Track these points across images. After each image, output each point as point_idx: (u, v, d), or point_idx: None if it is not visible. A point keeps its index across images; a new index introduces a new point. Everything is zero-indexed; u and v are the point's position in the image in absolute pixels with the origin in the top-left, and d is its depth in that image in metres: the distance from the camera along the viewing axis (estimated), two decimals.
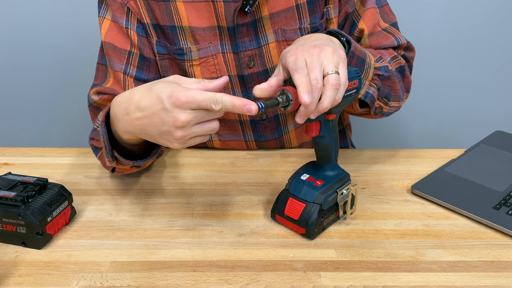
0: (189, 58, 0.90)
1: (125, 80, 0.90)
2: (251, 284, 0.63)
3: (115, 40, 0.89)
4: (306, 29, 0.90)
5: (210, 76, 0.91)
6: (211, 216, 0.78)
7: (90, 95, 0.90)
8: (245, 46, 0.90)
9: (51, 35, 1.52)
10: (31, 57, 1.55)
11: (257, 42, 0.90)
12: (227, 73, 0.91)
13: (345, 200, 0.74)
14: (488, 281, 0.65)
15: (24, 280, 0.63)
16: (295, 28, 0.90)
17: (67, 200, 0.73)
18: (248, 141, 0.99)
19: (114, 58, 0.90)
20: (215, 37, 0.89)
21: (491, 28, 1.57)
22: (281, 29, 0.90)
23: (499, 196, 0.82)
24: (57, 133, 1.66)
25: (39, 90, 1.60)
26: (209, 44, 0.89)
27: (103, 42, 0.90)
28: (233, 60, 0.91)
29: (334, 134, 0.73)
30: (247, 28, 0.89)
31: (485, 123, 1.68)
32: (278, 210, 0.75)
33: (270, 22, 0.89)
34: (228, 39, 0.90)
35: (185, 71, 0.91)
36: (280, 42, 0.90)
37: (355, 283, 0.64)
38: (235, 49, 0.90)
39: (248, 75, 0.92)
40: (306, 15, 0.90)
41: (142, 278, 0.64)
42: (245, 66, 0.91)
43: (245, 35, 0.89)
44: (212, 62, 0.91)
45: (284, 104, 0.63)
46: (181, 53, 0.90)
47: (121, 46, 0.90)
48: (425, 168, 0.93)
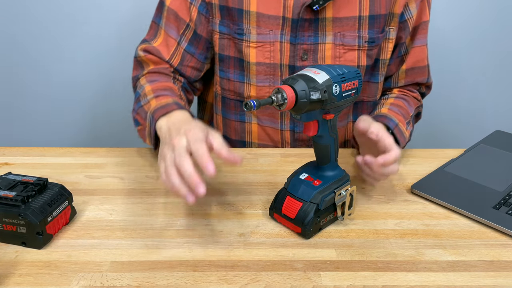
0: (247, 39, 0.95)
1: (176, 48, 0.98)
2: (251, 284, 0.64)
3: (178, 9, 0.97)
4: (364, 38, 0.96)
5: (264, 61, 0.97)
6: (211, 216, 0.78)
7: (138, 50, 1.01)
8: (303, 39, 0.95)
9: (51, 35, 1.52)
10: (31, 57, 1.55)
11: (314, 39, 0.95)
12: (279, 61, 0.96)
13: (343, 201, 0.74)
14: (488, 281, 0.65)
15: (24, 280, 0.63)
16: (355, 36, 0.96)
17: (67, 200, 0.73)
18: (284, 130, 1.02)
19: (172, 25, 0.98)
20: (277, 26, 0.94)
21: (491, 27, 1.57)
22: (340, 34, 0.95)
23: (499, 196, 0.83)
24: (57, 133, 1.66)
25: (39, 90, 1.60)
26: (269, 31, 0.95)
27: (168, 7, 0.97)
28: (288, 50, 0.96)
29: (333, 134, 0.73)
30: (309, 24, 0.94)
31: (485, 123, 1.68)
32: (275, 208, 0.75)
33: (332, 25, 0.94)
34: (289, 30, 0.94)
35: (241, 51, 0.97)
36: (337, 45, 0.96)
37: (355, 283, 0.64)
38: (293, 40, 0.95)
39: (299, 67, 0.96)
40: (365, 27, 0.95)
41: (142, 278, 0.64)
42: (298, 58, 0.96)
43: (306, 29, 0.94)
44: (269, 48, 0.96)
45: (278, 103, 0.63)
46: (240, 33, 0.96)
47: (182, 16, 0.97)
48: (425, 168, 0.93)
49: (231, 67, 1.00)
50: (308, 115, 0.68)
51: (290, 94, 0.63)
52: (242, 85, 1.00)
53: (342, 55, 0.96)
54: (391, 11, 0.96)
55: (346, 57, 0.96)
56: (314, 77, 0.66)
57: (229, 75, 1.01)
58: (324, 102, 0.66)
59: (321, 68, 0.68)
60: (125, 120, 1.67)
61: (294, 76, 0.66)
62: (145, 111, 0.87)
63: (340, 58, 0.96)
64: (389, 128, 0.90)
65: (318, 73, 0.67)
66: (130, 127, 1.68)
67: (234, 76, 1.00)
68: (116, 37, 1.54)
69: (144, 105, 0.89)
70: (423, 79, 1.06)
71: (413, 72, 1.04)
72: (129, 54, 1.56)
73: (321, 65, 0.69)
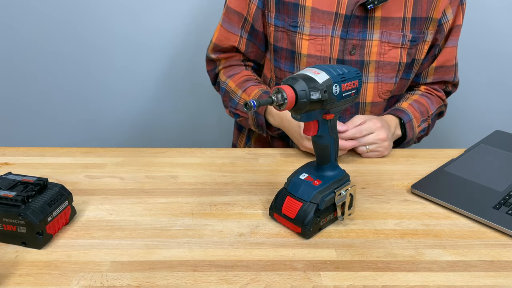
0: (301, 31, 1.02)
1: (239, 40, 1.10)
2: (251, 284, 0.64)
3: (236, 5, 1.08)
4: (407, 37, 1.03)
5: (315, 53, 1.03)
6: (211, 216, 0.78)
7: (209, 53, 1.15)
8: (353, 35, 1.01)
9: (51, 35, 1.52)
10: (31, 57, 1.55)
11: (363, 35, 1.01)
12: (329, 55, 1.03)
13: (343, 201, 0.74)
14: (488, 281, 0.65)
15: (24, 280, 0.63)
16: (399, 34, 1.02)
17: (67, 200, 0.73)
18: None
19: (233, 22, 1.09)
20: (329, 21, 1.00)
21: (491, 27, 1.57)
22: (387, 32, 1.01)
23: (499, 196, 0.82)
24: (57, 133, 1.66)
25: (39, 90, 1.60)
26: (322, 25, 1.01)
27: (227, 6, 1.09)
28: (338, 45, 1.02)
29: (333, 134, 0.73)
30: (359, 21, 1.00)
31: (485, 123, 1.68)
32: (276, 208, 0.75)
33: (380, 23, 1.01)
34: (341, 26, 1.00)
35: (294, 43, 1.03)
36: (383, 43, 1.02)
37: (355, 283, 0.64)
38: (343, 35, 1.01)
39: (348, 61, 1.03)
40: (408, 27, 1.02)
41: (142, 278, 0.64)
42: (347, 52, 1.02)
43: (356, 26, 1.00)
44: (320, 42, 1.02)
45: (278, 103, 0.63)
46: (295, 25, 1.02)
47: (241, 11, 1.07)
48: (425, 168, 0.93)
49: (283, 58, 1.07)
50: (308, 115, 0.68)
51: (290, 94, 0.63)
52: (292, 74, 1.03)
53: (386, 52, 1.03)
54: (431, 16, 1.03)
55: (390, 54, 1.03)
56: (314, 77, 0.66)
57: (281, 65, 1.09)
58: (324, 102, 0.66)
59: (321, 68, 0.68)
60: (125, 120, 1.67)
61: (294, 76, 0.66)
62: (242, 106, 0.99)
63: (385, 55, 1.03)
64: (402, 121, 1.05)
65: (318, 73, 0.67)
66: (131, 127, 1.69)
67: (285, 67, 1.08)
68: (117, 36, 1.54)
69: (239, 102, 1.09)
70: (450, 78, 1.14)
71: (441, 70, 1.12)
72: (130, 53, 1.56)
73: (321, 65, 0.69)
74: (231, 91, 1.10)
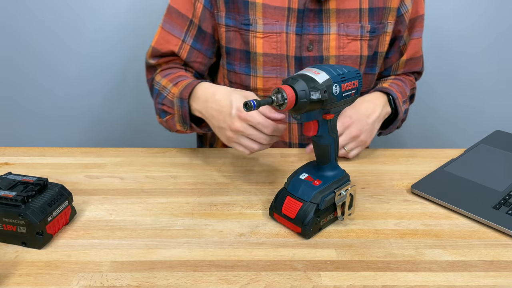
0: (254, 30, 0.97)
1: (181, 46, 1.01)
2: (251, 284, 0.64)
3: (180, 6, 0.99)
4: (366, 28, 0.99)
5: (270, 52, 0.98)
6: (211, 216, 0.78)
7: (147, 59, 1.05)
8: (308, 30, 0.97)
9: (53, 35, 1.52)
10: (31, 57, 1.55)
11: (319, 29, 0.97)
12: (286, 52, 0.98)
13: (343, 201, 0.74)
14: (488, 281, 0.65)
15: (24, 280, 0.63)
16: (357, 26, 0.98)
17: (67, 200, 0.73)
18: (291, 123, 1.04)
19: (175, 24, 1.00)
20: (282, 17, 0.96)
21: (491, 27, 1.57)
22: (344, 24, 0.98)
23: (499, 196, 0.82)
24: (57, 133, 1.66)
25: (39, 90, 1.60)
26: (275, 22, 0.96)
27: (169, 5, 1.00)
28: (294, 41, 0.97)
29: (333, 134, 0.73)
30: (314, 14, 0.96)
31: (485, 123, 1.68)
32: (276, 208, 0.75)
33: (336, 16, 0.97)
34: (295, 21, 0.96)
35: (248, 42, 0.98)
36: (341, 36, 0.98)
37: (355, 283, 0.64)
38: (298, 31, 0.97)
39: (306, 57, 0.98)
40: (366, 19, 0.99)
41: (142, 278, 0.64)
42: (304, 48, 0.98)
43: (311, 20, 0.96)
44: (275, 39, 0.97)
45: (278, 103, 0.63)
46: (247, 24, 0.97)
47: (185, 13, 0.99)
48: (425, 168, 0.93)
49: (237, 60, 1.01)
50: (308, 115, 0.68)
51: (290, 94, 0.63)
52: (248, 77, 1.01)
53: (346, 45, 0.99)
54: (389, 6, 1.00)
55: (349, 47, 0.99)
56: (314, 77, 0.66)
57: (235, 68, 1.02)
58: (324, 102, 0.66)
59: (321, 68, 0.68)
60: (126, 120, 1.67)
61: (294, 76, 0.66)
62: (170, 100, 0.94)
63: (344, 48, 0.99)
64: (391, 97, 1.01)
65: (318, 73, 0.67)
66: (131, 127, 1.69)
67: (240, 69, 1.02)
68: (117, 37, 1.54)
69: (167, 95, 0.96)
70: (418, 68, 1.14)
71: (411, 62, 1.11)
72: (130, 54, 1.56)
73: (321, 65, 0.69)
74: (162, 87, 0.98)
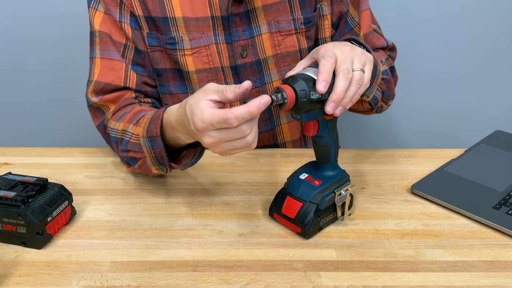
0: (181, 47, 0.89)
1: (126, 69, 0.89)
2: (251, 284, 0.64)
3: (111, 32, 0.88)
4: (299, 20, 0.92)
5: (203, 67, 0.91)
6: (211, 216, 0.78)
7: (88, 96, 0.90)
8: (238, 35, 0.90)
9: (51, 34, 1.52)
10: (31, 56, 1.55)
11: (249, 32, 0.91)
12: (219, 64, 0.92)
13: (343, 201, 0.74)
14: (488, 281, 0.65)
15: (24, 280, 0.63)
16: (289, 19, 0.92)
17: (67, 200, 0.73)
18: None
19: (111, 47, 0.89)
20: (208, 27, 0.89)
21: (491, 27, 1.57)
22: (274, 21, 0.91)
23: (499, 196, 0.82)
24: (57, 133, 1.66)
25: (39, 90, 1.60)
26: (201, 34, 0.89)
27: (98, 31, 0.88)
28: (226, 51, 0.91)
29: (333, 134, 0.73)
30: (240, 18, 0.89)
31: (485, 123, 1.68)
32: (275, 208, 0.75)
33: (263, 14, 0.90)
34: (222, 29, 0.90)
35: (177, 61, 0.91)
36: (274, 34, 0.92)
37: (355, 283, 0.64)
38: (228, 39, 0.90)
39: (241, 65, 0.92)
40: (297, 8, 0.91)
41: (142, 278, 0.64)
42: (238, 55, 0.91)
43: (238, 24, 0.90)
44: (205, 53, 0.90)
45: (278, 102, 0.63)
46: (172, 43, 0.89)
47: (117, 39, 0.89)
48: (425, 168, 0.93)
49: (171, 80, 0.94)
50: (308, 115, 0.68)
51: (290, 94, 0.63)
52: (187, 95, 0.93)
53: (281, 42, 0.93)
54: None
55: (285, 43, 0.93)
56: (314, 77, 0.66)
57: (170, 88, 0.95)
58: (324, 102, 0.66)
59: None
60: None
61: (294, 75, 0.66)
62: (135, 143, 0.80)
63: (280, 46, 0.93)
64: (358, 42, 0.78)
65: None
66: None
67: (176, 89, 0.94)
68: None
69: (130, 139, 0.81)
70: (382, 43, 0.99)
71: (369, 36, 0.98)
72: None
73: None
74: (121, 133, 0.84)
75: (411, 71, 1.61)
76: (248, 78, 0.93)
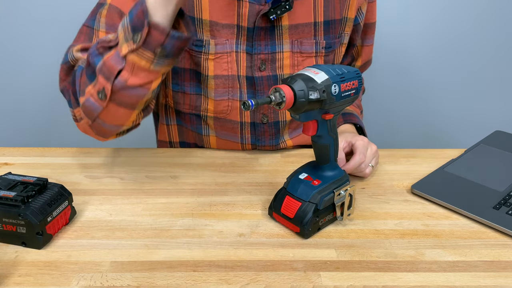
0: (206, 51, 0.90)
1: None
2: (251, 284, 0.64)
3: (121, 4, 0.84)
4: (321, 44, 0.94)
5: (222, 73, 0.91)
6: (211, 216, 0.78)
7: (73, 52, 0.83)
8: (260, 49, 0.91)
9: (52, 33, 1.52)
10: (31, 56, 1.55)
11: (272, 48, 0.91)
12: (236, 73, 0.92)
13: (342, 201, 0.74)
14: (488, 281, 0.65)
15: (24, 280, 0.63)
16: (312, 42, 0.94)
17: (67, 200, 0.73)
18: (244, 144, 0.99)
19: (117, 24, 0.83)
20: (232, 35, 0.90)
21: (491, 27, 1.57)
22: (298, 41, 0.92)
23: (499, 196, 0.82)
24: (57, 133, 1.66)
25: (39, 90, 1.60)
26: (226, 41, 0.90)
27: (109, 4, 0.84)
28: (245, 61, 0.91)
29: (332, 134, 0.73)
30: (265, 32, 0.90)
31: (485, 123, 1.68)
32: (275, 208, 0.75)
33: (288, 33, 0.91)
34: (245, 39, 0.90)
35: (199, 64, 0.91)
36: (295, 53, 0.93)
37: (355, 283, 0.64)
38: (249, 50, 0.91)
39: (258, 77, 0.92)
40: (321, 33, 0.94)
41: (142, 278, 0.64)
42: (256, 68, 0.92)
43: (262, 38, 0.90)
44: (226, 60, 0.91)
45: (277, 102, 0.63)
46: (199, 45, 0.89)
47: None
48: (425, 168, 0.93)
49: (187, 80, 0.94)
50: (307, 114, 0.68)
51: (289, 93, 0.63)
52: (200, 97, 0.95)
53: (300, 62, 0.94)
54: (346, 16, 0.96)
55: (304, 64, 0.94)
56: (313, 77, 0.66)
57: (185, 88, 0.95)
58: (323, 102, 0.66)
59: (321, 68, 0.68)
60: None
61: (293, 75, 0.66)
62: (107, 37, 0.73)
63: (299, 66, 0.94)
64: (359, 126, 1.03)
65: (317, 73, 0.67)
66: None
67: (191, 89, 0.94)
68: None
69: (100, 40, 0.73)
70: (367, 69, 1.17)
71: (364, 66, 1.13)
72: None
73: (321, 65, 0.69)
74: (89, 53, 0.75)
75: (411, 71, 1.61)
76: (264, 91, 0.94)
